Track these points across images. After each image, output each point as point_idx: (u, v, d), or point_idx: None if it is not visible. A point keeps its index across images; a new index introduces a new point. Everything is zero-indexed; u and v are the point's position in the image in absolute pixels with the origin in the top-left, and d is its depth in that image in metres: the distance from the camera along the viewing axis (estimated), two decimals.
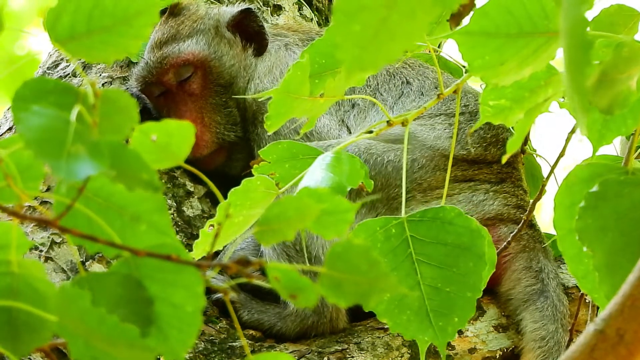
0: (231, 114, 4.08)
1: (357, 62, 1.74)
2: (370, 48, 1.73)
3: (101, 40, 2.06)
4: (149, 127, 2.01)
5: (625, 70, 2.21)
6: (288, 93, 2.55)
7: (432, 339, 2.51)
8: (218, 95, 4.07)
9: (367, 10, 1.70)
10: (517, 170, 3.83)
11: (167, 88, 4.06)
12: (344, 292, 1.91)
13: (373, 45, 1.73)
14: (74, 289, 1.86)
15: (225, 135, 4.06)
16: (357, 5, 1.70)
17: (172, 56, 4.05)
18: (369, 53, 1.74)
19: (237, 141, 4.09)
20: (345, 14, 1.71)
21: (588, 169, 2.44)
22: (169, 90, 4.06)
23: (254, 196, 2.55)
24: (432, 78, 4.03)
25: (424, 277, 2.51)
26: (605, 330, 1.87)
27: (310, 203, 1.95)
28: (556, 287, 3.65)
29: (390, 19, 1.71)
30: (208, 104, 4.06)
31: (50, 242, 3.65)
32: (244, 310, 3.69)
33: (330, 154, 2.58)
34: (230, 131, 4.07)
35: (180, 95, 4.05)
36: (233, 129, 4.07)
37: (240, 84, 4.10)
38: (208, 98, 4.07)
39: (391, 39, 1.73)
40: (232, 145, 4.09)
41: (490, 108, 2.45)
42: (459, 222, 2.50)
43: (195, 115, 4.03)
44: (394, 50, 1.75)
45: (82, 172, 1.79)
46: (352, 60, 1.74)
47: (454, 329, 2.51)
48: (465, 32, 2.26)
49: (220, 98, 4.07)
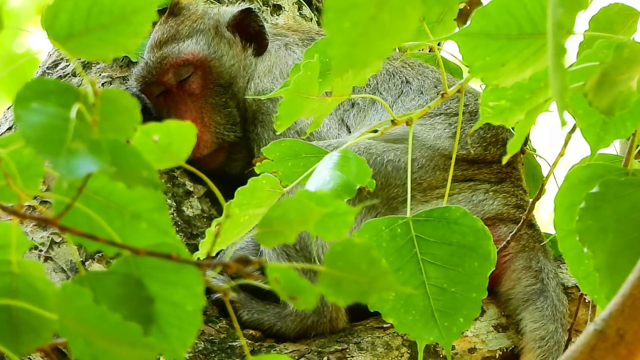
0: (231, 114, 4.08)
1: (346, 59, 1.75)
2: (360, 45, 1.73)
3: (100, 38, 2.06)
4: (151, 128, 2.02)
5: (626, 71, 2.21)
6: (298, 93, 2.56)
7: (437, 339, 2.51)
8: (218, 95, 4.07)
9: (357, 7, 1.71)
10: (516, 170, 3.83)
11: (167, 88, 4.06)
12: (344, 291, 1.91)
13: (363, 42, 1.73)
14: (76, 287, 1.86)
15: (225, 135, 4.06)
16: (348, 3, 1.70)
17: (171, 56, 4.05)
18: (359, 50, 1.74)
19: (236, 141, 4.09)
20: (335, 11, 1.71)
21: (588, 170, 2.44)
22: (169, 90, 4.06)
23: (260, 195, 2.56)
24: (431, 77, 4.03)
25: (429, 277, 2.51)
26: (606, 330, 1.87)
27: (312, 206, 1.95)
28: (556, 286, 3.65)
29: (380, 17, 1.72)
30: (208, 104, 4.06)
31: (50, 241, 3.65)
32: (244, 310, 3.69)
33: (337, 153, 2.59)
34: (230, 131, 4.07)
35: (180, 95, 4.05)
36: (233, 129, 4.07)
37: (240, 84, 4.10)
38: (208, 98, 4.07)
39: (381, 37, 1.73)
40: (232, 145, 4.09)
41: (490, 109, 2.45)
42: (464, 222, 2.50)
43: (195, 115, 4.03)
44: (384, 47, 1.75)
45: (83, 169, 1.79)
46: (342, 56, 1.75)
47: (459, 330, 2.51)
48: (466, 34, 2.26)
49: (220, 98, 4.07)
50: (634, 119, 2.48)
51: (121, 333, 1.84)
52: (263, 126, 4.03)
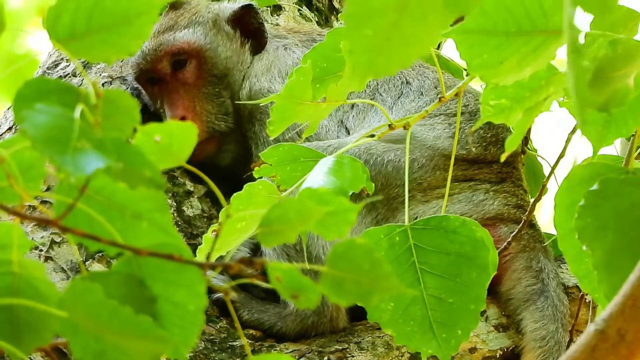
0: (223, 104, 4.07)
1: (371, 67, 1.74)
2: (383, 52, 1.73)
3: (102, 40, 2.06)
4: (152, 128, 2.02)
5: (622, 68, 2.21)
6: (291, 98, 2.55)
7: (435, 352, 2.50)
8: (211, 85, 4.07)
9: (378, 14, 1.70)
10: (517, 170, 3.83)
11: (161, 77, 4.06)
12: (346, 292, 1.91)
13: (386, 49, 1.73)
14: (86, 283, 1.86)
15: (215, 125, 4.05)
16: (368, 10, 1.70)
17: (167, 44, 4.05)
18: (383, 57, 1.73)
19: (228, 132, 4.08)
20: (356, 18, 1.70)
21: (588, 169, 2.44)
22: (164, 79, 4.06)
23: (257, 200, 2.55)
24: (432, 78, 4.03)
25: (427, 287, 2.51)
26: (606, 330, 1.87)
27: (312, 206, 1.95)
28: (556, 286, 3.65)
29: (401, 23, 1.71)
30: (201, 92, 4.06)
31: (50, 241, 3.65)
32: (244, 310, 3.69)
33: (332, 158, 2.58)
34: (221, 121, 4.06)
35: (173, 84, 4.05)
36: (224, 119, 4.07)
37: (235, 77, 4.10)
38: (201, 87, 4.06)
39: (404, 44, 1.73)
40: (223, 136, 4.08)
41: (491, 107, 2.44)
42: (462, 231, 2.49)
43: (187, 103, 4.03)
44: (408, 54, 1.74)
45: (90, 166, 1.79)
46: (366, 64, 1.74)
47: (457, 342, 2.50)
48: (463, 31, 2.25)
49: (214, 88, 4.07)
50: (636, 116, 2.48)
51: (133, 327, 1.84)
52: (261, 124, 4.03)
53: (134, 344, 1.86)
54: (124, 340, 1.86)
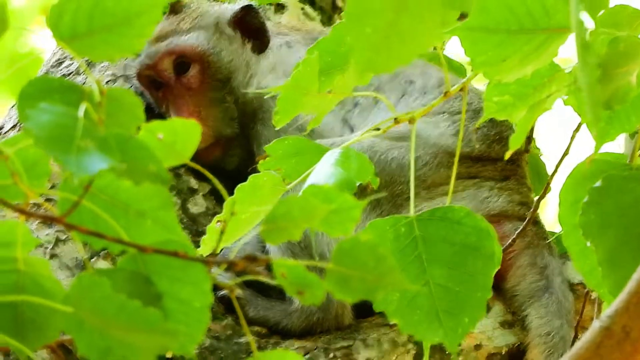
0: (229, 109, 4.07)
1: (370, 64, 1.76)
2: (382, 50, 1.74)
3: (103, 40, 2.06)
4: (156, 126, 2.02)
5: (624, 65, 2.22)
6: (297, 89, 2.55)
7: (442, 340, 2.50)
8: (216, 90, 4.07)
9: (376, 13, 1.72)
10: (521, 168, 3.83)
11: (165, 82, 4.06)
12: (351, 288, 1.92)
13: (385, 47, 1.74)
14: (93, 278, 1.86)
15: (222, 129, 4.06)
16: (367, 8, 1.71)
17: (169, 49, 4.05)
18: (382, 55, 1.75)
19: (233, 136, 4.08)
20: (356, 17, 1.72)
21: (592, 165, 2.44)
22: (168, 84, 4.06)
23: (261, 193, 2.55)
24: (435, 77, 4.03)
25: (433, 277, 2.51)
26: (611, 327, 1.87)
27: (317, 203, 1.95)
28: (561, 283, 3.65)
29: (399, 22, 1.72)
30: (206, 98, 4.06)
31: (55, 239, 3.65)
32: (250, 307, 3.69)
33: (339, 150, 2.58)
34: (227, 126, 4.06)
35: (178, 89, 4.05)
36: (230, 124, 4.07)
37: (239, 79, 4.09)
38: (206, 92, 4.06)
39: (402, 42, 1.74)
40: (229, 141, 4.08)
41: (494, 104, 2.45)
42: (467, 221, 2.49)
43: (193, 108, 4.03)
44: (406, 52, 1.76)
45: (93, 167, 1.79)
46: (365, 62, 1.75)
47: (464, 330, 2.50)
48: (466, 28, 2.26)
49: (219, 93, 4.07)
50: (638, 113, 2.48)
51: (141, 320, 1.84)
52: (263, 123, 4.03)
53: (141, 339, 1.86)
54: (130, 335, 1.86)
